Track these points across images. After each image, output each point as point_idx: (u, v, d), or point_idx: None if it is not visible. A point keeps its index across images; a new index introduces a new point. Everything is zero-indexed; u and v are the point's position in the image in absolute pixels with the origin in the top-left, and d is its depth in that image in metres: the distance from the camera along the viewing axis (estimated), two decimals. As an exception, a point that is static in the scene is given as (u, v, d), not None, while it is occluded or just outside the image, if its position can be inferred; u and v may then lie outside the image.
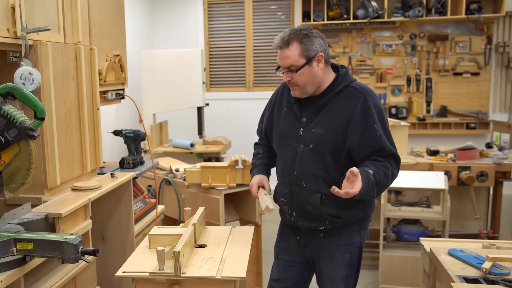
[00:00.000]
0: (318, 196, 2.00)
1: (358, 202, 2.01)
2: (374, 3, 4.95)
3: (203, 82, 4.60)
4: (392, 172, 1.95)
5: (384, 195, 3.36)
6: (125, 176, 2.46)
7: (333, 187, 1.80)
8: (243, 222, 3.36)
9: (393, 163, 1.97)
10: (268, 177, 2.21)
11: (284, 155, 2.10)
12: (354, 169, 1.78)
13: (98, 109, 2.38)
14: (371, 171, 1.86)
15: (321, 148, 1.99)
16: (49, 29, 1.94)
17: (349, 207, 2.02)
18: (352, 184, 1.79)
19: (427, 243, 2.15)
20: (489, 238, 3.81)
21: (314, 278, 2.30)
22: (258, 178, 2.17)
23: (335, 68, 2.08)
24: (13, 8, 1.77)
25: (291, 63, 1.95)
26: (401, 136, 3.80)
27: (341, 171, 2.00)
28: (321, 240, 2.10)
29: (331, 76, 2.04)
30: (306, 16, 5.24)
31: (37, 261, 1.69)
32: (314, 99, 2.04)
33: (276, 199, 2.19)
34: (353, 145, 1.95)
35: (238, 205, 3.37)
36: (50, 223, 1.84)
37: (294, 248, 2.20)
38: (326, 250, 2.11)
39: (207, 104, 4.77)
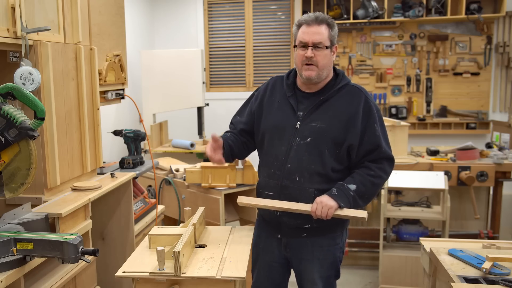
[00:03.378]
0: (311, 192, 1.98)
1: None
2: (374, 3, 4.95)
3: (203, 82, 4.60)
4: (381, 177, 2.02)
5: (384, 195, 3.36)
6: (125, 176, 2.46)
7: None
8: (243, 222, 3.36)
9: (386, 166, 2.03)
10: (224, 149, 2.12)
11: (276, 148, 2.06)
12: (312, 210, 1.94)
13: (98, 109, 2.37)
14: (352, 186, 1.96)
15: (320, 142, 1.98)
16: (49, 29, 1.94)
17: None
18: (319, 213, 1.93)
19: (427, 243, 2.15)
20: (489, 238, 3.81)
21: (291, 279, 2.28)
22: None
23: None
24: (13, 8, 1.76)
25: (321, 40, 1.96)
26: (401, 136, 3.80)
27: (336, 168, 2.01)
28: (303, 240, 2.07)
29: (332, 73, 2.08)
30: (306, 16, 5.24)
31: (37, 261, 1.69)
32: (313, 94, 2.05)
33: (260, 193, 2.14)
34: (355, 142, 1.98)
35: (238, 205, 3.37)
36: (50, 223, 1.84)
37: (275, 248, 2.16)
38: (308, 251, 2.08)
39: (207, 104, 4.77)
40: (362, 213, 1.94)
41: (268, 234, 2.18)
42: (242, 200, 2.10)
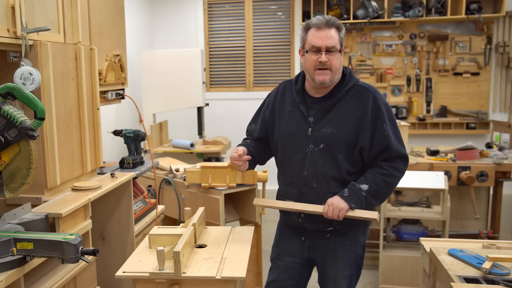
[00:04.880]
0: (329, 197, 1.99)
1: None
2: (374, 3, 4.95)
3: (203, 82, 4.60)
4: (394, 176, 2.00)
5: (384, 195, 3.36)
6: (125, 176, 2.46)
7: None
8: (243, 222, 3.36)
9: (399, 164, 2.01)
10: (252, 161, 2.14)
11: (291, 156, 2.07)
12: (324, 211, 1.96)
13: (98, 109, 2.37)
14: (364, 186, 1.96)
15: (333, 147, 1.98)
16: (49, 29, 1.94)
17: None
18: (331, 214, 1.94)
19: (427, 243, 2.15)
20: (489, 238, 3.81)
21: (311, 277, 2.29)
22: (243, 148, 2.08)
23: None
24: (13, 8, 1.76)
25: (334, 44, 1.94)
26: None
27: (351, 170, 2.02)
28: (327, 240, 2.09)
29: (340, 74, 2.07)
30: (306, 16, 5.24)
31: (37, 261, 1.69)
32: (321, 99, 2.04)
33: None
34: (365, 143, 1.98)
35: (238, 205, 3.37)
36: (50, 223, 1.84)
37: (297, 249, 2.17)
38: (332, 250, 2.10)
39: (207, 104, 4.77)
40: (373, 214, 1.95)
41: (290, 236, 2.19)
42: (258, 202, 2.15)
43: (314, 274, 2.25)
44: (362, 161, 2.04)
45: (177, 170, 3.51)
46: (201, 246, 1.99)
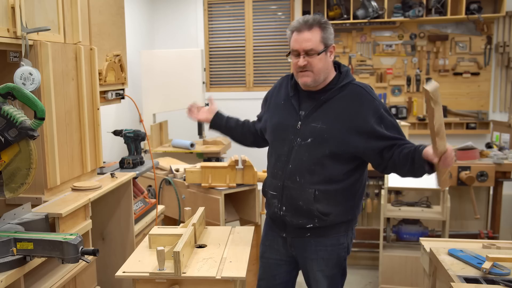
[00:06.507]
0: (311, 192, 1.98)
1: (348, 201, 2.04)
2: (374, 3, 4.95)
3: (203, 82, 4.60)
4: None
5: (384, 195, 3.36)
6: (125, 176, 2.46)
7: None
8: (243, 222, 3.36)
9: None
10: (221, 121, 2.43)
11: (279, 148, 2.08)
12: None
13: (98, 109, 2.38)
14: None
15: (320, 143, 1.97)
16: (49, 29, 1.94)
17: (340, 205, 2.02)
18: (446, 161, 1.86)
19: (427, 243, 2.15)
20: (489, 238, 3.81)
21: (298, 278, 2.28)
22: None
23: (336, 65, 2.09)
24: (13, 8, 1.76)
25: (312, 46, 1.94)
26: (401, 136, 3.80)
27: (337, 169, 1.99)
28: (307, 240, 2.08)
29: (333, 72, 2.06)
30: (306, 16, 5.24)
31: (37, 261, 1.69)
32: (314, 94, 2.03)
33: (265, 192, 2.17)
34: (360, 144, 1.95)
35: (238, 205, 3.37)
36: (50, 223, 1.84)
37: (281, 246, 2.17)
38: (312, 250, 2.09)
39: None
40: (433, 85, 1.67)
41: (275, 232, 2.19)
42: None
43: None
44: (352, 161, 2.00)
45: (177, 170, 3.51)
46: (201, 246, 2.00)
